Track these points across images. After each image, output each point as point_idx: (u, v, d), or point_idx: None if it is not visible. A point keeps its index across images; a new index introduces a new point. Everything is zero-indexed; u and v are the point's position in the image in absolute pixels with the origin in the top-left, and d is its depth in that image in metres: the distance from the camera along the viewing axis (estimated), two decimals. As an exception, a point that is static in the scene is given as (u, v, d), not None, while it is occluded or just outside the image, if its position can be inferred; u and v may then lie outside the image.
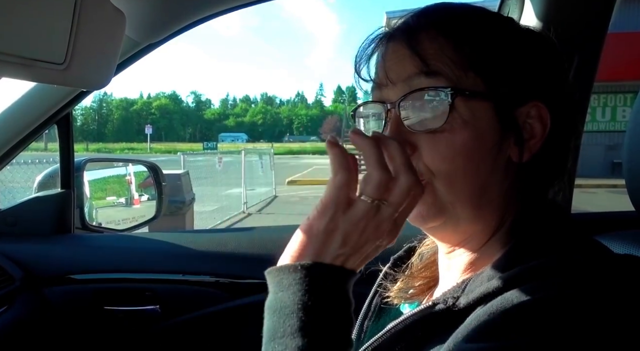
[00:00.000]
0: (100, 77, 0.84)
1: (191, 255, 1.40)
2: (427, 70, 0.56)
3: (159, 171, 1.91)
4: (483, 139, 0.56)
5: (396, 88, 0.59)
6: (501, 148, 0.58)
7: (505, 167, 0.59)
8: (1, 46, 0.65)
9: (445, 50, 0.56)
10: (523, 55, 0.58)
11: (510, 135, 0.58)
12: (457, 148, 0.56)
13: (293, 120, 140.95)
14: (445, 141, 0.56)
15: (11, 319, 1.24)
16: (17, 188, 3.72)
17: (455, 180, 0.57)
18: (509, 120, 0.57)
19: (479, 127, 0.56)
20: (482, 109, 0.56)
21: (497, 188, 0.59)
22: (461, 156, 0.56)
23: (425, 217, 0.60)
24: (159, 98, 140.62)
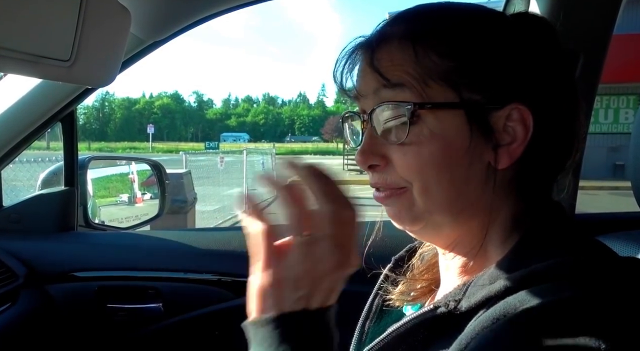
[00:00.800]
0: (105, 74, 0.84)
1: (194, 253, 1.40)
2: (388, 84, 0.56)
3: (162, 169, 1.92)
4: (452, 148, 0.55)
5: (368, 99, 0.59)
6: (476, 154, 0.56)
7: (486, 173, 0.57)
8: (7, 42, 0.65)
9: (405, 62, 0.55)
10: (499, 54, 0.56)
11: (483, 141, 0.56)
12: (425, 159, 0.55)
13: (295, 120, 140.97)
14: (412, 153, 0.55)
15: (15, 316, 1.24)
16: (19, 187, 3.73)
17: (429, 189, 0.56)
18: (483, 127, 0.55)
19: (447, 137, 0.55)
20: (451, 118, 0.55)
21: (477, 194, 0.57)
22: (430, 167, 0.55)
23: (403, 221, 0.60)
24: (161, 98, 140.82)
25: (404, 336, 0.56)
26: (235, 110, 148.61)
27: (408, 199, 0.58)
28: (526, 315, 0.45)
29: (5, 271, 1.29)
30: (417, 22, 0.58)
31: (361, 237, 0.63)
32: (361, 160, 0.59)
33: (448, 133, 0.55)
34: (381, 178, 0.59)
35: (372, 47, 0.58)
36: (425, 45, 0.55)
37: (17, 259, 1.36)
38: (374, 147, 0.59)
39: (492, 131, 0.56)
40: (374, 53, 0.57)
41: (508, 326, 0.46)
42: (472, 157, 0.56)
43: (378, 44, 0.58)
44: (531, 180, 0.59)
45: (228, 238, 1.42)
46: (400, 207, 0.59)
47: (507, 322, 0.46)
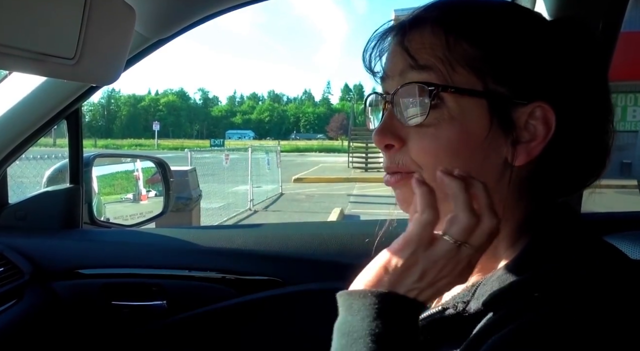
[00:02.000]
0: (110, 73, 0.84)
1: (198, 251, 1.40)
2: (416, 65, 0.56)
3: (167, 167, 1.92)
4: (470, 136, 0.55)
5: (394, 81, 0.59)
6: (492, 147, 0.56)
7: (501, 168, 0.57)
8: (12, 40, 0.65)
9: (436, 46, 0.55)
10: (530, 51, 0.55)
11: (502, 135, 0.56)
12: (442, 142, 0.55)
13: (300, 117, 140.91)
14: (430, 135, 0.56)
15: (20, 312, 1.25)
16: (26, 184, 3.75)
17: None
18: (504, 120, 0.55)
19: (467, 124, 0.55)
20: (473, 106, 0.55)
21: (491, 188, 0.57)
22: (445, 151, 0.55)
23: (407, 204, 0.60)
24: (167, 95, 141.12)
25: None
26: (240, 108, 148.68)
27: None
28: (533, 321, 0.45)
29: (11, 268, 1.30)
30: (451, 10, 0.58)
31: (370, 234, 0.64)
32: (377, 139, 0.60)
33: (468, 120, 0.55)
34: (394, 160, 0.59)
35: (405, 30, 0.58)
36: (457, 31, 0.55)
37: (22, 256, 1.36)
38: (392, 127, 0.59)
39: (513, 126, 0.55)
40: (406, 35, 0.58)
41: (516, 333, 0.45)
42: (489, 149, 0.55)
43: (410, 27, 0.58)
44: (547, 182, 0.58)
45: (232, 236, 1.42)
46: (410, 189, 0.58)
47: (515, 329, 0.46)
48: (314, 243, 1.38)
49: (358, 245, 1.35)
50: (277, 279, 1.34)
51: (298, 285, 1.34)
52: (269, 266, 1.36)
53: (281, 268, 1.35)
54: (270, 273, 1.35)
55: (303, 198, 11.98)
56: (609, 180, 0.64)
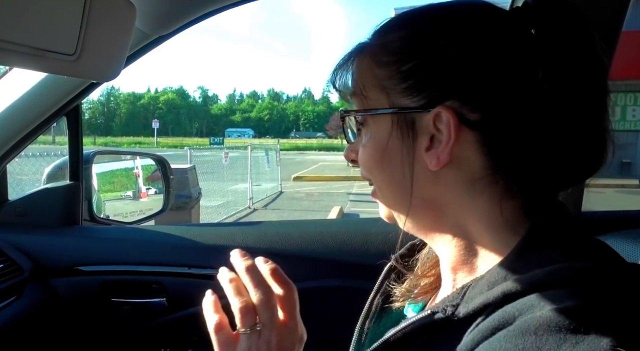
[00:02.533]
0: (110, 69, 0.84)
1: (198, 248, 1.40)
2: (350, 93, 0.63)
3: (167, 164, 1.92)
4: (385, 150, 0.59)
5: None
6: (410, 155, 0.57)
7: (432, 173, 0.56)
8: (12, 36, 0.65)
9: (359, 71, 0.61)
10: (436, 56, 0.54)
11: (418, 143, 0.57)
12: (369, 158, 0.62)
13: (299, 116, 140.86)
14: (362, 153, 0.63)
15: (20, 309, 1.25)
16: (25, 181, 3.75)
17: (381, 187, 0.63)
18: (407, 130, 0.57)
19: (380, 139, 0.59)
20: (383, 122, 0.59)
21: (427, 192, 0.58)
22: (373, 165, 0.61)
23: (386, 217, 0.67)
24: (166, 93, 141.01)
25: (401, 342, 0.56)
26: (240, 106, 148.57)
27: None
28: (523, 325, 0.44)
29: (10, 265, 1.30)
30: (375, 33, 0.63)
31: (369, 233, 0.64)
32: (345, 155, 0.69)
33: (380, 136, 0.60)
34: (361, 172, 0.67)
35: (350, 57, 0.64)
36: (370, 55, 0.60)
37: (22, 253, 1.36)
38: (351, 144, 0.67)
39: (416, 134, 0.57)
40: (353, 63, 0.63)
41: (507, 338, 0.44)
42: (407, 158, 0.58)
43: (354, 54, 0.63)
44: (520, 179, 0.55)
45: (232, 234, 1.42)
46: (380, 202, 0.66)
47: (506, 334, 0.45)
48: (314, 241, 1.38)
49: (358, 243, 1.35)
50: (277, 276, 1.34)
51: (298, 282, 1.33)
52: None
53: (281, 265, 1.35)
54: None
55: (302, 196, 11.99)
56: (609, 179, 0.63)
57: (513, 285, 0.49)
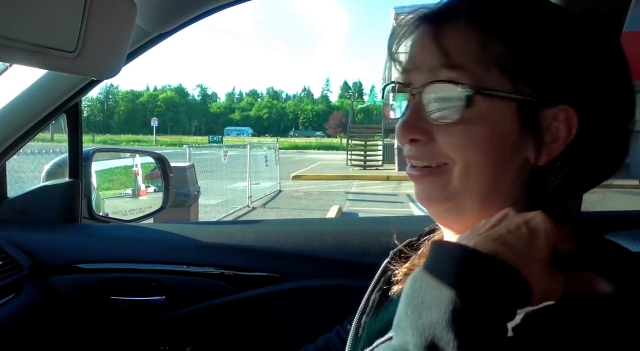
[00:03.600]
0: (110, 66, 0.84)
1: (197, 246, 1.40)
2: (448, 63, 0.56)
3: (167, 162, 1.91)
4: (500, 136, 0.56)
5: (421, 74, 0.59)
6: (518, 147, 0.57)
7: (520, 167, 0.58)
8: (12, 33, 0.65)
9: (471, 45, 0.56)
10: (562, 53, 0.55)
11: (529, 136, 0.57)
12: (473, 140, 0.56)
13: (299, 115, 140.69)
14: (460, 132, 0.56)
15: (18, 307, 1.24)
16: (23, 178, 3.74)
17: (470, 169, 0.57)
18: (530, 122, 0.56)
19: (497, 124, 0.56)
20: (502, 107, 0.56)
21: (508, 186, 0.59)
22: (476, 147, 0.56)
23: (432, 199, 0.61)
24: (165, 91, 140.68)
25: None
26: (239, 104, 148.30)
27: (445, 178, 0.59)
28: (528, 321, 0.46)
29: (9, 262, 1.30)
30: (486, 6, 0.58)
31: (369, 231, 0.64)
32: (403, 133, 0.60)
33: (498, 121, 0.56)
34: (423, 151, 0.59)
35: (439, 23, 0.58)
36: (491, 30, 0.56)
37: (21, 250, 1.36)
38: (418, 122, 0.59)
39: (539, 128, 0.56)
40: (441, 29, 0.57)
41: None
42: (515, 148, 0.57)
43: (445, 20, 0.58)
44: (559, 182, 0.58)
45: (232, 232, 1.42)
46: (435, 185, 0.59)
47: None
48: (313, 240, 1.38)
49: (357, 241, 1.35)
50: (277, 275, 1.35)
51: (297, 281, 1.34)
52: (269, 263, 1.36)
53: (280, 264, 1.36)
54: (269, 269, 1.35)
55: (301, 195, 11.98)
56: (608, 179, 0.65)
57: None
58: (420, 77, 0.59)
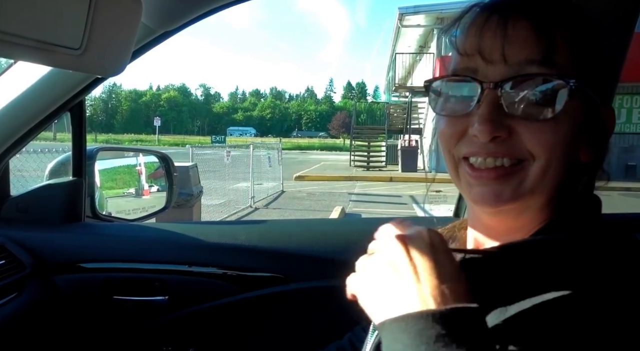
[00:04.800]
0: (115, 64, 0.83)
1: (201, 246, 1.39)
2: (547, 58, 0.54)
3: (170, 162, 1.91)
4: (576, 133, 0.57)
5: (501, 67, 0.56)
6: (581, 143, 0.59)
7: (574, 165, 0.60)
8: (19, 30, 0.64)
9: (566, 41, 0.55)
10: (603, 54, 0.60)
11: (587, 134, 0.59)
12: (559, 137, 0.55)
13: (302, 115, 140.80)
14: (549, 129, 0.55)
15: (21, 305, 1.24)
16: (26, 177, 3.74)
17: (550, 167, 0.56)
18: (594, 120, 0.59)
19: (576, 122, 0.57)
20: (579, 106, 0.57)
21: (566, 184, 0.60)
22: (562, 145, 0.56)
23: (503, 200, 0.57)
24: (168, 91, 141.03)
25: None
26: (242, 104, 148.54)
27: (520, 176, 0.57)
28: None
29: (12, 261, 1.29)
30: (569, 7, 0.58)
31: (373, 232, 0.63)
32: (487, 130, 0.55)
33: (577, 118, 0.57)
34: (501, 148, 0.56)
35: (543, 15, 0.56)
36: (578, 31, 0.57)
37: (24, 249, 1.35)
38: (499, 116, 0.56)
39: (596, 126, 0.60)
40: (544, 22, 0.55)
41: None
42: (580, 143, 0.59)
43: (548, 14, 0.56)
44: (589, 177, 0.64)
45: (236, 232, 1.42)
46: (509, 185, 0.57)
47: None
48: (317, 240, 1.37)
49: (362, 242, 1.33)
50: (280, 276, 1.34)
51: (301, 282, 1.33)
52: (272, 263, 1.35)
53: (284, 264, 1.35)
54: (273, 270, 1.34)
55: (304, 196, 11.98)
56: (614, 182, 0.66)
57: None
58: (500, 70, 0.56)
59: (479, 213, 0.64)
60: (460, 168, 0.60)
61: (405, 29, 18.48)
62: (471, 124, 0.56)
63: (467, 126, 0.57)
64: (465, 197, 0.61)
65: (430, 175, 11.19)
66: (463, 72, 0.59)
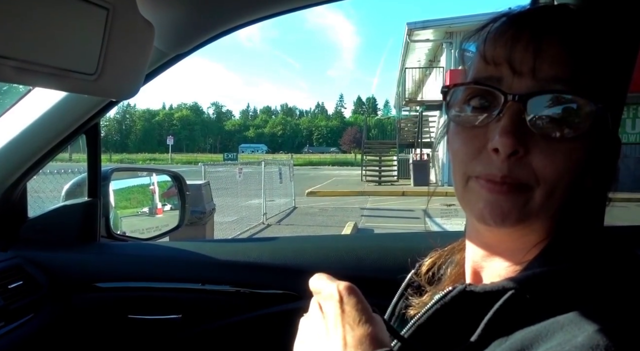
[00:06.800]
0: (129, 87, 0.85)
1: (214, 264, 1.40)
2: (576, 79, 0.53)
3: (183, 181, 1.93)
4: (588, 160, 0.55)
5: (528, 80, 0.54)
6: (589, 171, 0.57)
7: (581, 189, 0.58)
8: (35, 57, 0.66)
9: (595, 63, 0.54)
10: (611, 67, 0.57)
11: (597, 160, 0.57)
12: (574, 159, 0.53)
13: (313, 131, 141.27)
14: (563, 151, 0.53)
15: (38, 326, 1.25)
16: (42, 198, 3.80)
17: (555, 192, 0.54)
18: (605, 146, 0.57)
19: (592, 147, 0.55)
20: (597, 130, 0.54)
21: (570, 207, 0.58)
22: (571, 170, 0.53)
23: (507, 217, 0.54)
24: (181, 110, 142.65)
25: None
26: (253, 122, 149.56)
27: (526, 197, 0.54)
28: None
29: (29, 282, 1.31)
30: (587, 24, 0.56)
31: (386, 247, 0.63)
32: (509, 143, 0.52)
33: (593, 143, 0.55)
34: (515, 166, 0.53)
35: (575, 35, 0.54)
36: (599, 51, 0.55)
37: (41, 269, 1.37)
38: (520, 131, 0.53)
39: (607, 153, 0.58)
40: (576, 43, 0.53)
41: None
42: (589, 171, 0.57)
43: (579, 34, 0.54)
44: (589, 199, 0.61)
45: (248, 250, 1.42)
46: (514, 203, 0.54)
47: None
48: (330, 257, 1.37)
49: (374, 258, 1.33)
50: (293, 293, 1.34)
51: (314, 299, 1.33)
52: (285, 280, 1.35)
53: (296, 281, 1.35)
54: (285, 287, 1.34)
55: (316, 211, 11.97)
56: (630, 193, 0.65)
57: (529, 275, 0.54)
58: (525, 84, 0.54)
59: (482, 231, 0.61)
60: (470, 182, 0.57)
61: (414, 43, 18.65)
62: (491, 138, 0.54)
63: (485, 143, 0.55)
64: (471, 213, 0.58)
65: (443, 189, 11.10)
66: (486, 80, 0.56)
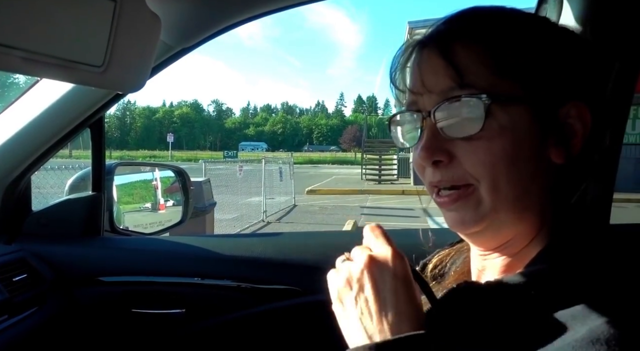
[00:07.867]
0: (136, 80, 0.85)
1: (217, 259, 1.40)
2: (461, 81, 0.56)
3: (186, 176, 1.93)
4: (523, 143, 0.56)
5: (432, 96, 0.59)
6: (542, 151, 0.58)
7: (546, 170, 0.59)
8: (43, 48, 0.66)
9: (479, 58, 0.57)
10: (559, 56, 0.58)
11: (550, 137, 0.58)
12: (497, 154, 0.56)
13: (313, 129, 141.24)
14: (483, 148, 0.56)
15: (42, 319, 1.25)
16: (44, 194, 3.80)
17: (498, 185, 0.56)
18: (549, 122, 0.57)
19: (518, 132, 0.56)
20: (520, 113, 0.56)
21: (539, 191, 0.59)
22: (501, 162, 0.56)
23: (467, 225, 0.60)
24: (181, 107, 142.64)
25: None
26: (253, 120, 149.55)
27: (475, 198, 0.58)
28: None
29: (33, 275, 1.31)
30: (484, 21, 0.60)
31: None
32: (426, 156, 0.59)
33: (517, 128, 0.56)
34: (446, 174, 0.59)
35: (444, 44, 0.58)
36: (493, 43, 0.57)
37: (45, 263, 1.38)
38: (438, 143, 0.59)
39: (558, 126, 0.58)
40: (447, 50, 0.58)
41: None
42: (538, 152, 0.57)
43: (449, 40, 0.58)
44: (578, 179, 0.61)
45: (249, 245, 1.42)
46: (467, 209, 0.59)
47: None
48: (332, 252, 1.36)
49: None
50: (296, 288, 1.34)
51: (316, 294, 1.33)
52: (288, 275, 1.35)
53: (299, 277, 1.35)
54: (288, 282, 1.35)
55: (316, 210, 11.97)
56: (631, 194, 0.67)
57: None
58: (430, 100, 0.59)
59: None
60: (434, 194, 0.62)
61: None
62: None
63: None
64: None
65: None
66: (409, 106, 0.63)
